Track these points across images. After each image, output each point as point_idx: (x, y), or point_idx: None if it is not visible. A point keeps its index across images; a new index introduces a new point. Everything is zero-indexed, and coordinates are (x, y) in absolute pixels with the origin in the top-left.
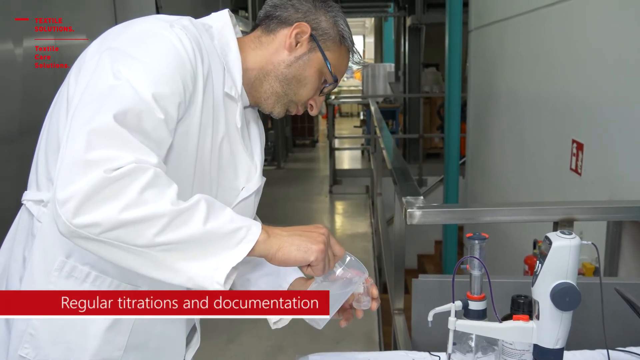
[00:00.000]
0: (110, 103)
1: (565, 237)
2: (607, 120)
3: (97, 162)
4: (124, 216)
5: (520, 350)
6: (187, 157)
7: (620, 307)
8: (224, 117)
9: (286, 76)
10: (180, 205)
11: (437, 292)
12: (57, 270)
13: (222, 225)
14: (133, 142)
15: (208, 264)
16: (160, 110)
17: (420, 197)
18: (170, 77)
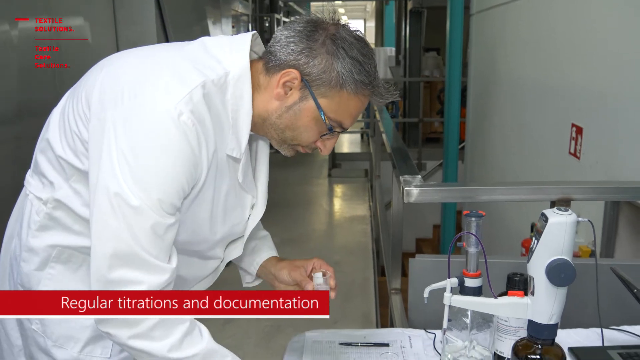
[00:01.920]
0: (122, 224)
1: (561, 214)
2: (607, 105)
3: (118, 283)
4: (131, 342)
5: (515, 327)
6: (199, 211)
7: (615, 287)
8: (228, 175)
9: (279, 126)
10: (175, 354)
11: (433, 272)
12: (55, 257)
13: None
14: (148, 261)
15: None
16: (168, 215)
17: (418, 176)
18: (176, 180)
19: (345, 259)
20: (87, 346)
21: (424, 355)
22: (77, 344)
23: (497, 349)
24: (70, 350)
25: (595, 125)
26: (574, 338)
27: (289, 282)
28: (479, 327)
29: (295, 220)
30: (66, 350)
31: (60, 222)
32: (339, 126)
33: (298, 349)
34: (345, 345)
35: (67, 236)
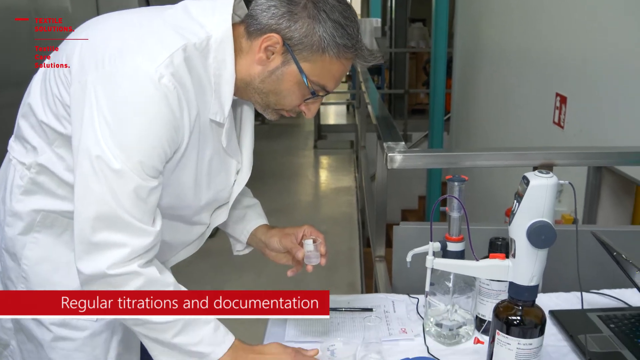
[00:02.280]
0: (104, 187)
1: (542, 176)
2: (591, 74)
3: (102, 245)
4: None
5: (497, 290)
6: (182, 175)
7: (596, 253)
8: (212, 139)
9: (262, 90)
10: (157, 317)
11: (417, 239)
12: (40, 222)
13: (187, 343)
14: (131, 224)
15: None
16: (150, 178)
17: (402, 143)
18: (157, 143)
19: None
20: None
21: (407, 320)
22: None
23: (479, 312)
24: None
25: (580, 95)
26: (554, 301)
27: (280, 250)
28: (461, 291)
29: (281, 191)
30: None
31: (44, 186)
32: (322, 90)
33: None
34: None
35: (51, 201)
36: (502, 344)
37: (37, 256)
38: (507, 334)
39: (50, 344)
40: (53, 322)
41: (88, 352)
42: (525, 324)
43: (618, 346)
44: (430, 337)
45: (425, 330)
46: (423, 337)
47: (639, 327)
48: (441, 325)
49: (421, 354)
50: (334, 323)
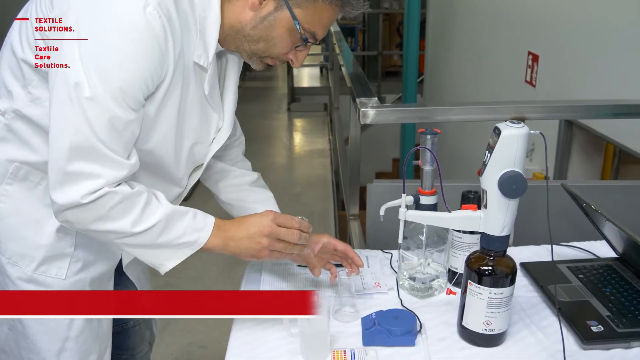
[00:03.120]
0: (80, 116)
1: (514, 126)
2: (564, 33)
3: (76, 175)
4: (93, 226)
5: (469, 243)
6: (165, 116)
7: (566, 206)
8: (194, 83)
9: (252, 37)
10: (138, 227)
11: (391, 196)
12: (12, 173)
13: (172, 238)
14: (106, 156)
15: (155, 261)
16: (129, 110)
17: (375, 98)
18: (138, 71)
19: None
20: (42, 265)
21: (381, 274)
22: (32, 263)
23: (452, 265)
24: (25, 268)
25: (552, 53)
26: (525, 254)
27: (297, 259)
28: (434, 244)
29: (256, 154)
30: (20, 268)
31: (19, 134)
32: (312, 37)
33: (257, 271)
34: (303, 267)
35: (25, 151)
36: (474, 294)
37: (9, 209)
38: (478, 283)
39: None
40: (21, 277)
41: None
42: (496, 274)
43: (586, 295)
44: (404, 291)
45: (399, 283)
46: (397, 290)
47: (606, 277)
48: (414, 278)
49: (395, 307)
50: (308, 279)
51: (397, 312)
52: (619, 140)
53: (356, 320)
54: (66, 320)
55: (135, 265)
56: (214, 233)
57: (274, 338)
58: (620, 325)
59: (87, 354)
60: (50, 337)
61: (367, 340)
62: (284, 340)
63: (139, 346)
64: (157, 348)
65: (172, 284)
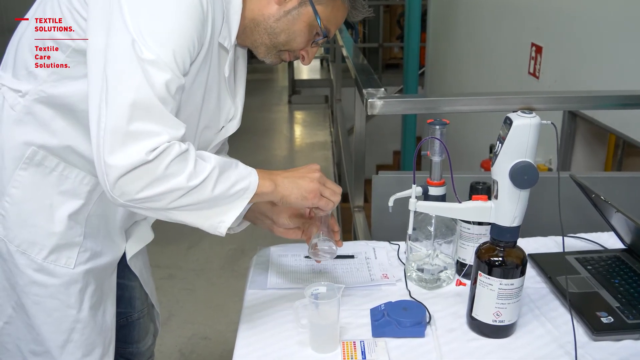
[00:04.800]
0: (141, 75)
1: (525, 116)
2: (568, 24)
3: (138, 134)
4: (148, 192)
5: (478, 234)
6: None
7: (572, 197)
8: (217, 64)
9: (274, 30)
10: (194, 180)
11: (395, 188)
12: (28, 158)
13: (226, 189)
14: (166, 115)
15: (213, 221)
16: (180, 74)
17: (382, 89)
18: (188, 35)
19: None
20: (52, 254)
21: (389, 265)
22: (42, 251)
23: (460, 256)
24: (34, 257)
25: (555, 45)
26: (533, 246)
27: (290, 226)
28: (443, 235)
29: (257, 146)
30: (29, 257)
31: (38, 117)
32: (327, 34)
33: (264, 263)
34: (310, 258)
35: (44, 134)
36: (484, 285)
37: (21, 195)
38: (489, 274)
39: (24, 289)
40: (30, 266)
41: (62, 299)
42: (506, 265)
43: (595, 286)
44: (412, 282)
45: (407, 275)
46: (405, 281)
47: (615, 268)
48: (423, 269)
49: (403, 298)
50: (315, 270)
51: (406, 304)
52: (624, 131)
53: (332, 258)
54: (73, 311)
55: (137, 258)
56: (263, 176)
57: (283, 329)
58: (630, 317)
59: (92, 347)
60: (56, 328)
61: (377, 331)
62: (294, 331)
63: (143, 339)
64: (160, 340)
65: (174, 276)
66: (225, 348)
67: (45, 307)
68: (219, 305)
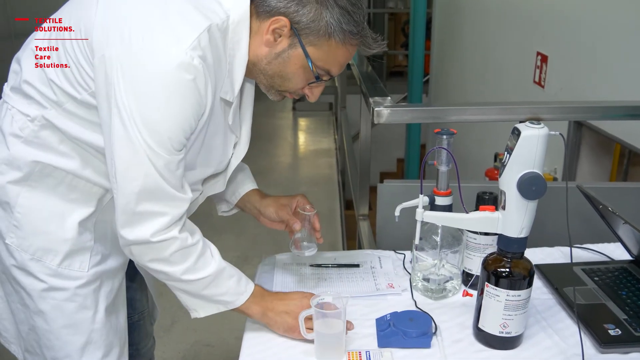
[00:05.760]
0: (146, 164)
1: (534, 127)
2: (573, 33)
3: (144, 214)
4: (151, 264)
5: (484, 244)
6: (193, 150)
7: (580, 208)
8: (221, 114)
9: (267, 72)
10: (189, 276)
11: (401, 197)
12: (38, 171)
13: (214, 294)
14: (170, 194)
15: (191, 306)
16: (177, 152)
17: (388, 98)
18: (185, 122)
19: (310, 190)
20: (66, 259)
21: (394, 275)
22: (57, 257)
23: (466, 266)
24: (49, 263)
25: (561, 54)
26: (539, 256)
27: (275, 219)
28: (449, 245)
29: (260, 152)
30: (44, 263)
31: (45, 141)
32: (326, 74)
33: (269, 271)
34: (316, 267)
35: (52, 155)
36: (490, 295)
37: (32, 205)
38: (496, 285)
39: (41, 294)
40: (45, 272)
41: (79, 302)
42: (514, 276)
43: (602, 298)
44: (418, 292)
45: (413, 285)
46: (410, 291)
47: (622, 279)
48: (428, 279)
49: (409, 308)
50: (321, 279)
51: (412, 314)
52: (630, 141)
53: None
54: (89, 312)
55: None
56: (255, 301)
57: (288, 339)
58: (638, 329)
59: (110, 347)
60: (75, 331)
61: (382, 341)
62: (299, 340)
63: (143, 340)
64: (163, 347)
65: None
66: (228, 356)
67: (64, 310)
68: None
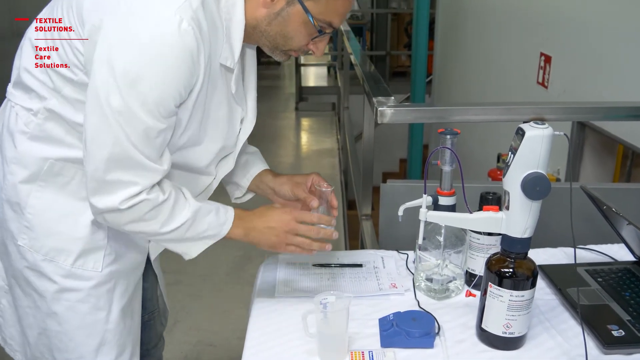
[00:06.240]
0: (116, 129)
1: (538, 127)
2: (577, 34)
3: (113, 184)
4: (127, 227)
5: (487, 245)
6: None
7: (583, 208)
8: (221, 83)
9: (269, 33)
10: (169, 227)
11: (404, 197)
12: (47, 170)
13: (197, 234)
14: (141, 163)
15: (180, 250)
16: (162, 119)
17: (392, 98)
18: (173, 87)
19: None
20: (79, 259)
21: (397, 275)
22: (69, 257)
23: (469, 267)
24: (62, 264)
25: (565, 54)
26: (542, 257)
27: (291, 198)
28: (452, 246)
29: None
30: (57, 264)
31: (52, 134)
32: (328, 27)
33: (272, 270)
34: (319, 267)
35: (59, 149)
36: (494, 296)
37: (43, 205)
38: (499, 286)
39: (54, 296)
40: (58, 273)
41: (92, 302)
42: (517, 276)
43: (606, 299)
44: (420, 292)
45: (416, 285)
46: (413, 291)
47: (625, 280)
48: (432, 279)
49: (412, 308)
50: (324, 279)
51: (415, 314)
52: (633, 142)
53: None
54: (103, 313)
55: (157, 259)
56: (236, 224)
57: (291, 338)
58: None
59: (123, 347)
60: (89, 332)
61: (385, 341)
62: (302, 340)
63: (152, 340)
64: (166, 347)
65: (181, 282)
66: (231, 355)
67: (77, 311)
68: (225, 312)
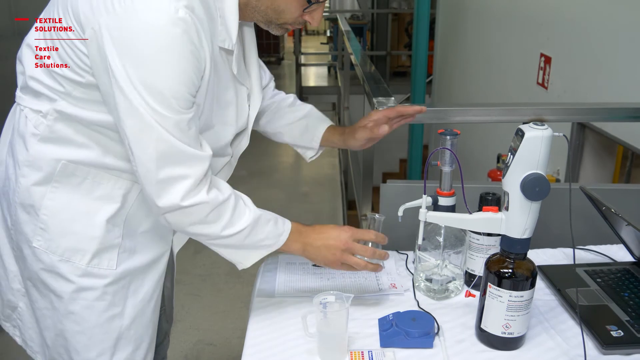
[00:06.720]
0: (156, 127)
1: (538, 128)
2: (578, 35)
3: (167, 180)
4: (189, 229)
5: (487, 245)
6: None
7: (583, 209)
8: (223, 66)
9: (260, 8)
10: (230, 230)
11: (403, 197)
12: (60, 171)
13: (256, 242)
14: (187, 154)
15: (236, 259)
16: (185, 110)
17: (392, 98)
18: (185, 77)
19: (313, 190)
20: (95, 258)
21: (397, 275)
22: (85, 256)
23: (469, 267)
24: (78, 263)
25: (565, 55)
26: (541, 257)
27: (363, 144)
28: (452, 246)
29: (263, 152)
30: (73, 264)
31: (62, 134)
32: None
33: (272, 270)
34: (319, 267)
35: (70, 150)
36: (493, 296)
37: (57, 205)
38: (498, 286)
39: (72, 296)
40: (74, 272)
41: (109, 300)
42: (516, 277)
43: (605, 299)
44: (420, 292)
45: (415, 285)
46: (413, 291)
47: (624, 281)
48: (431, 280)
49: (411, 308)
50: (324, 279)
51: (415, 314)
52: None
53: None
54: (118, 309)
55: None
56: (294, 238)
57: (291, 338)
58: None
59: (140, 341)
60: (107, 329)
61: (385, 341)
62: (301, 340)
63: (158, 338)
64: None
65: (181, 281)
66: (230, 355)
67: (94, 309)
68: (224, 312)
